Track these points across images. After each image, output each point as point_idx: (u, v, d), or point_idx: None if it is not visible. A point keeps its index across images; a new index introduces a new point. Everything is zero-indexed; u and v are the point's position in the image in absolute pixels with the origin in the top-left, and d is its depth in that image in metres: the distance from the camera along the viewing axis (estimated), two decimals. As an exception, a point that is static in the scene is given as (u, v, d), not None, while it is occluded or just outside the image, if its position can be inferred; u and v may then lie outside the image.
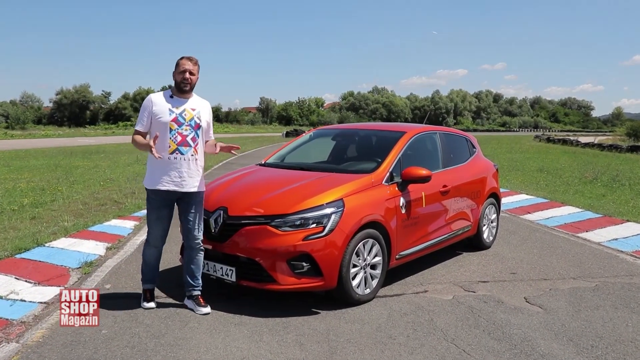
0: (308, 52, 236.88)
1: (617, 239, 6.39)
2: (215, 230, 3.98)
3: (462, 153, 5.81)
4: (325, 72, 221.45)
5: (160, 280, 4.18)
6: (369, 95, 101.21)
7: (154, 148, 3.58)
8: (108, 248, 5.63)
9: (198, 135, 3.80)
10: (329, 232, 3.77)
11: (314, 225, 3.77)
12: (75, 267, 4.88)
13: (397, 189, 4.40)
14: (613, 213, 7.96)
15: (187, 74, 3.74)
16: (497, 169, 6.39)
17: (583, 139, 38.27)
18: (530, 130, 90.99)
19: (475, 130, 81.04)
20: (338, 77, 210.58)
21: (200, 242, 3.91)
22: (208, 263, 4.04)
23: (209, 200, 4.16)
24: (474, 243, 5.83)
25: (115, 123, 70.00)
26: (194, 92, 3.91)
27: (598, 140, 36.80)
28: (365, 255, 4.04)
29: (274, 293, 3.97)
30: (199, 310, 3.83)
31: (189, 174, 3.76)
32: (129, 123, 64.81)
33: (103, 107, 78.33)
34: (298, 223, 3.77)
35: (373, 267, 4.13)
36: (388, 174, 4.42)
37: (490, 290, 4.44)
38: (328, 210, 3.83)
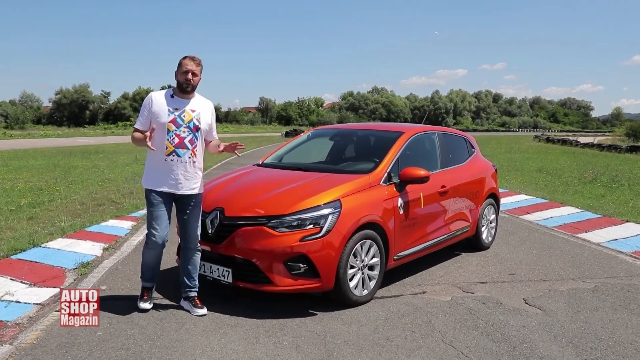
0: (308, 52, 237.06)
1: (616, 240, 6.36)
2: (212, 231, 3.95)
3: (460, 153, 5.78)
4: (325, 72, 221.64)
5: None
6: (369, 95, 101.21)
7: (150, 141, 3.54)
8: (105, 249, 5.60)
9: (197, 138, 3.75)
10: (326, 233, 3.74)
11: (311, 226, 3.74)
12: (72, 268, 4.85)
13: (395, 190, 4.37)
14: (612, 213, 7.94)
15: (189, 75, 3.67)
16: (496, 169, 6.36)
17: (582, 139, 38.26)
18: (530, 131, 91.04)
19: (475, 131, 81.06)
20: (338, 77, 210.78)
21: (198, 243, 3.88)
22: (204, 264, 4.00)
23: (206, 201, 4.12)
24: (473, 244, 5.80)
25: (115, 123, 69.93)
26: (197, 92, 3.84)
27: (597, 141, 36.80)
28: (363, 256, 4.01)
29: (271, 294, 3.94)
30: (195, 312, 3.80)
31: (186, 177, 3.71)
32: (129, 123, 64.72)
33: (102, 107, 78.30)
34: (295, 224, 3.73)
35: (371, 268, 4.10)
36: (386, 175, 4.39)
37: (489, 292, 4.41)
38: (325, 211, 3.80)
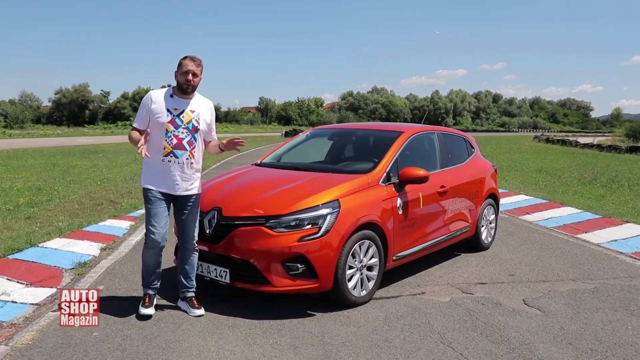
0: (308, 52, 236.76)
1: (616, 240, 6.34)
2: (209, 231, 3.92)
3: (460, 153, 5.76)
4: (325, 72, 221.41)
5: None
6: (369, 95, 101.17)
7: (144, 147, 3.50)
8: (102, 249, 5.57)
9: (195, 139, 3.71)
10: (325, 233, 3.71)
11: (309, 226, 3.71)
12: (69, 267, 4.82)
13: (394, 190, 4.35)
14: (612, 214, 7.91)
15: (189, 76, 3.62)
16: (495, 170, 6.33)
17: (582, 140, 38.24)
18: (530, 131, 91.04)
19: (475, 131, 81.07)
20: (338, 77, 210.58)
21: (195, 243, 3.85)
22: (202, 264, 3.98)
23: (204, 201, 4.10)
24: (472, 244, 5.77)
25: (114, 122, 69.85)
26: (197, 91, 3.79)
27: (597, 141, 36.78)
28: (362, 257, 3.98)
29: (269, 295, 3.91)
30: (193, 312, 3.77)
31: (183, 178, 3.68)
32: (128, 123, 64.57)
33: (102, 106, 78.20)
34: (293, 224, 3.71)
35: (369, 268, 4.07)
36: (385, 175, 4.36)
37: (489, 292, 4.38)
38: (323, 211, 3.77)
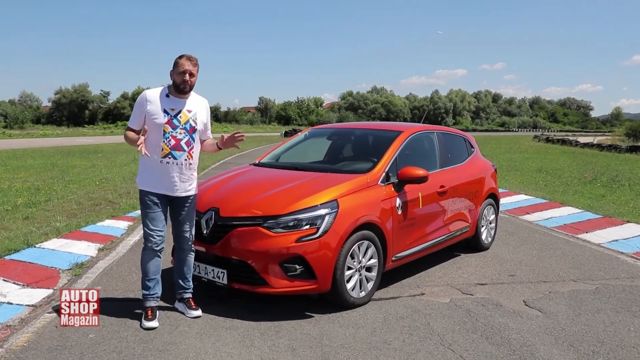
0: (308, 52, 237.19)
1: (617, 240, 6.30)
2: (207, 232, 3.88)
3: (460, 153, 5.72)
4: (325, 72, 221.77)
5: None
6: (368, 95, 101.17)
7: (144, 145, 3.44)
8: (100, 249, 5.53)
9: (193, 139, 3.66)
10: (323, 233, 3.67)
11: (308, 227, 3.67)
12: (66, 268, 4.78)
13: (393, 190, 4.31)
14: (613, 214, 7.87)
15: (186, 76, 3.55)
16: (495, 169, 6.29)
17: (582, 139, 38.20)
18: (529, 130, 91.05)
19: (474, 130, 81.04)
20: (337, 77, 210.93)
21: (192, 244, 3.81)
22: (199, 265, 3.94)
23: (201, 201, 4.06)
24: (472, 244, 5.74)
25: (114, 123, 69.77)
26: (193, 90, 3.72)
27: (597, 141, 36.76)
28: (360, 258, 3.94)
29: (267, 296, 3.87)
30: (190, 314, 3.74)
31: (181, 179, 3.63)
32: (128, 123, 64.54)
33: (102, 106, 78.15)
34: (291, 224, 3.67)
35: (368, 269, 4.03)
36: (384, 174, 4.32)
37: (489, 293, 4.34)
38: (322, 211, 3.73)
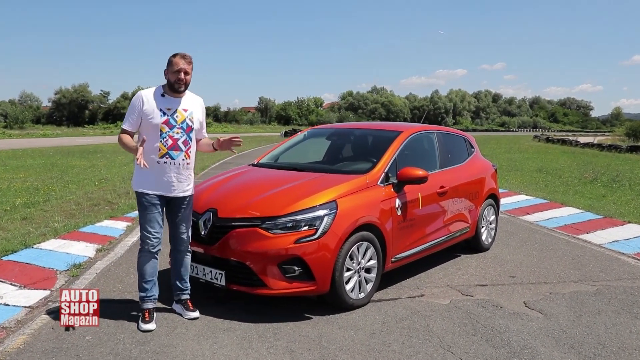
0: (308, 52, 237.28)
1: (618, 241, 6.27)
2: (205, 233, 3.85)
3: (460, 153, 5.68)
4: (325, 72, 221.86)
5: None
6: (368, 95, 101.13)
7: (142, 156, 3.35)
8: (98, 250, 5.50)
9: (190, 139, 3.62)
10: (322, 234, 3.64)
11: (306, 228, 3.63)
12: (63, 269, 4.75)
13: (392, 190, 4.27)
14: (614, 214, 7.83)
15: (181, 74, 3.51)
16: (495, 169, 6.26)
17: (582, 139, 38.17)
18: (529, 130, 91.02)
19: (474, 130, 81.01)
20: (337, 77, 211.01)
21: (188, 245, 3.78)
22: (197, 266, 3.91)
23: (199, 202, 4.03)
24: (472, 245, 5.70)
25: (114, 123, 69.57)
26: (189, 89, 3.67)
27: (597, 141, 36.73)
28: (360, 259, 3.91)
29: (265, 298, 3.83)
30: (188, 315, 3.71)
31: (179, 179, 3.59)
32: (128, 123, 64.44)
33: (102, 106, 78.07)
34: (289, 225, 3.63)
35: (367, 270, 4.00)
36: (383, 175, 4.29)
37: (489, 295, 4.31)
38: (321, 212, 3.70)
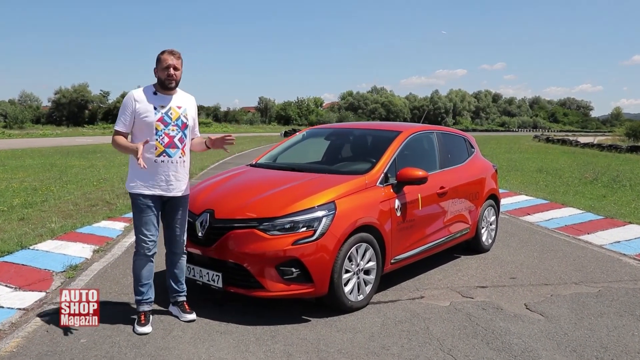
0: (308, 52, 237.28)
1: (619, 242, 6.22)
2: (202, 234, 3.80)
3: (460, 153, 5.63)
4: (325, 72, 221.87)
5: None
6: (368, 95, 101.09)
7: (142, 158, 3.30)
8: (95, 251, 5.45)
9: (185, 136, 3.58)
10: (320, 236, 3.59)
11: (304, 229, 3.58)
12: (59, 270, 4.71)
13: (392, 191, 4.23)
14: (615, 215, 7.78)
15: (171, 70, 3.48)
16: (496, 170, 6.21)
17: (582, 139, 38.13)
18: (529, 130, 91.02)
19: (474, 130, 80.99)
20: (337, 77, 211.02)
21: (184, 247, 3.73)
22: (194, 268, 3.86)
23: (196, 202, 3.98)
24: (472, 246, 5.65)
25: (114, 123, 69.31)
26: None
27: (597, 141, 36.68)
28: (359, 260, 3.86)
29: (262, 300, 3.78)
30: (184, 317, 3.66)
31: (177, 178, 3.54)
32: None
33: (101, 106, 77.97)
34: (287, 227, 3.58)
35: (366, 272, 3.95)
36: (383, 175, 4.24)
37: (489, 296, 4.27)
38: (319, 213, 3.65)
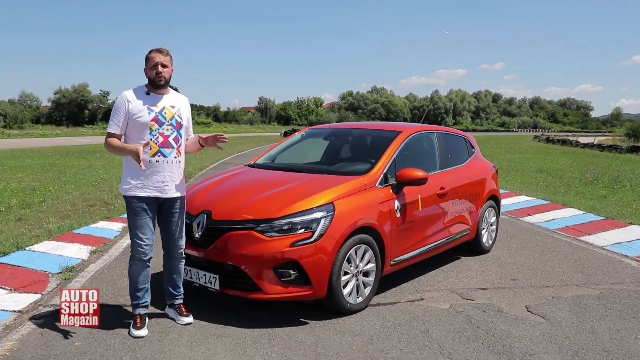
0: (308, 52, 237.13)
1: (620, 243, 6.18)
2: (199, 235, 3.75)
3: (460, 153, 5.59)
4: (325, 72, 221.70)
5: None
6: (368, 95, 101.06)
7: (142, 159, 3.25)
8: (92, 252, 5.41)
9: (180, 135, 3.53)
10: (318, 237, 3.54)
11: (302, 231, 3.54)
12: (56, 272, 4.66)
13: (391, 192, 4.18)
14: (616, 215, 7.73)
15: (159, 67, 3.42)
16: (496, 170, 6.16)
17: (582, 140, 38.12)
18: (529, 131, 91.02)
19: (474, 130, 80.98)
20: (337, 77, 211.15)
21: (182, 249, 3.68)
22: (191, 270, 3.81)
23: (193, 203, 3.94)
24: (473, 247, 5.61)
25: (113, 123, 69.53)
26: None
27: (597, 141, 36.66)
28: (357, 262, 3.81)
29: (260, 302, 3.73)
30: (181, 320, 3.61)
31: (172, 178, 3.48)
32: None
33: (101, 106, 77.85)
34: (285, 228, 3.54)
35: (365, 274, 3.91)
36: (382, 176, 4.19)
37: (490, 298, 4.22)
38: (317, 215, 3.60)
